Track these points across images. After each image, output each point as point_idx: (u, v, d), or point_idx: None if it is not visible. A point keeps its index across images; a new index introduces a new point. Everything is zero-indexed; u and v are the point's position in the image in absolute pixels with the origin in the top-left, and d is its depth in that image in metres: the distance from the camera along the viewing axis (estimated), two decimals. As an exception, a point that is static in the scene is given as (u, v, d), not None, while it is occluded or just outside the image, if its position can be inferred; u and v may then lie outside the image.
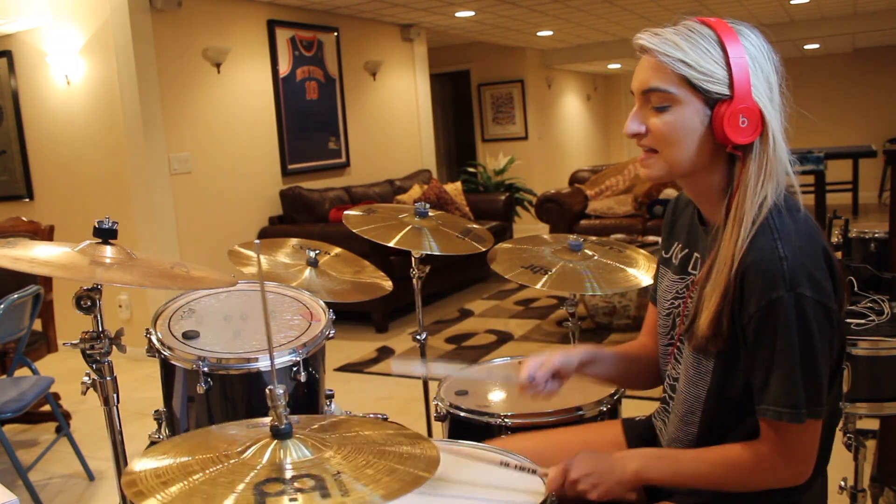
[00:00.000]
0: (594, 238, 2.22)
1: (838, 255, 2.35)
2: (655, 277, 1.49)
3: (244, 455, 0.96)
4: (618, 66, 11.37)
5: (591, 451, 1.30)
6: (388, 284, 2.19)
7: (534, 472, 1.28)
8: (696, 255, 1.31)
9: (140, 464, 0.96)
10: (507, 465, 1.30)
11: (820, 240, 1.16)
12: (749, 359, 1.18)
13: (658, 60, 1.18)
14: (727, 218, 1.19)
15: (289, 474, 0.91)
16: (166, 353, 1.65)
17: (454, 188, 6.64)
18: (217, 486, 0.88)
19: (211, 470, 0.93)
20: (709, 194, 1.25)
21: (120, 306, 4.92)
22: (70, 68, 4.80)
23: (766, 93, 1.17)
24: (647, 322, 1.55)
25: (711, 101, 1.16)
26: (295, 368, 1.66)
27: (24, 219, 3.80)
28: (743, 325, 1.17)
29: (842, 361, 1.25)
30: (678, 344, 1.33)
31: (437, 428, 1.91)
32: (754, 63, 1.16)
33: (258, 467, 0.93)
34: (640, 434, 1.51)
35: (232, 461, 0.95)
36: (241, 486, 0.88)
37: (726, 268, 1.17)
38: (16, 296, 2.77)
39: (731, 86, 1.15)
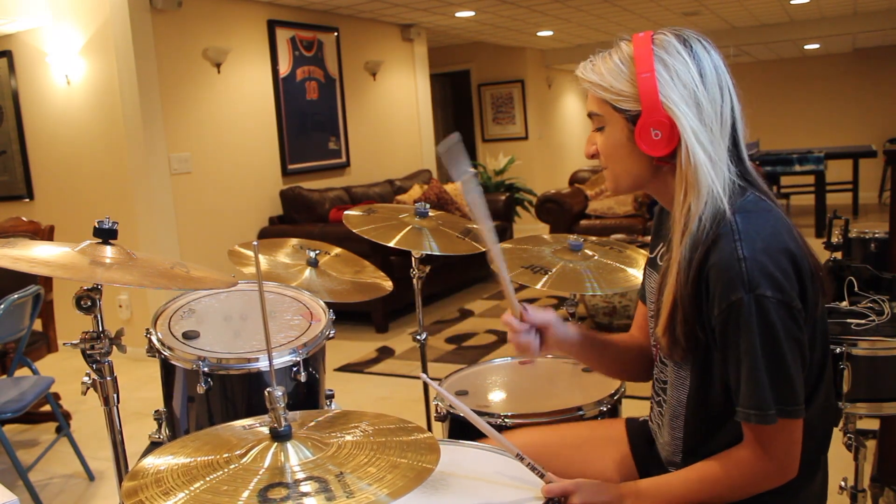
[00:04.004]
0: (594, 238, 2.22)
1: (838, 255, 2.34)
2: (644, 276, 1.51)
3: (244, 460, 0.95)
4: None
5: (594, 481, 1.27)
6: (388, 284, 2.19)
7: (542, 475, 1.27)
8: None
9: (141, 469, 0.96)
10: (521, 458, 1.30)
11: (785, 240, 1.15)
12: (723, 364, 1.19)
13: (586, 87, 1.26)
14: (673, 229, 1.22)
15: (292, 478, 0.90)
16: (166, 353, 1.65)
17: (454, 188, 6.63)
18: (220, 495, 0.88)
19: (212, 477, 0.92)
20: (671, 202, 1.27)
21: (120, 306, 4.92)
22: (70, 68, 4.80)
23: (686, 103, 1.17)
24: (636, 319, 1.57)
25: (630, 118, 1.21)
26: (295, 368, 1.66)
27: (24, 219, 3.80)
28: (713, 329, 1.17)
29: (826, 360, 1.25)
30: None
31: (438, 428, 1.90)
32: (669, 74, 1.17)
33: (260, 472, 0.92)
34: (643, 433, 1.51)
35: (232, 466, 0.94)
36: (245, 494, 0.87)
37: (672, 276, 1.20)
38: (16, 296, 2.77)
39: (640, 101, 1.18)
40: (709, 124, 1.18)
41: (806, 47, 10.10)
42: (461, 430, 1.75)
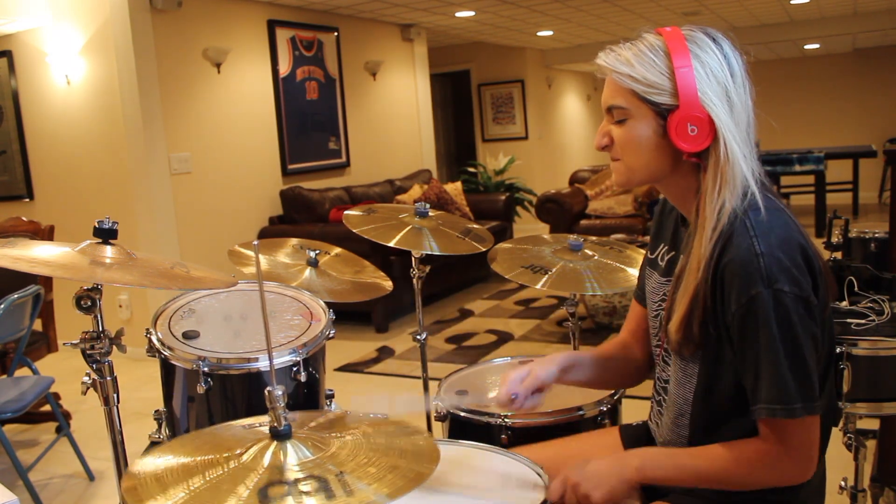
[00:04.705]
0: (594, 238, 2.23)
1: (838, 255, 2.35)
2: (640, 276, 1.51)
3: (244, 458, 0.95)
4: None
5: (587, 464, 1.28)
6: (388, 284, 2.19)
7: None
8: (681, 256, 1.32)
9: (141, 467, 0.96)
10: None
11: (798, 237, 1.16)
12: (737, 360, 1.18)
13: (612, 78, 1.23)
14: (696, 223, 1.21)
15: (291, 477, 0.90)
16: (166, 353, 1.65)
17: (454, 188, 6.63)
18: (220, 493, 0.88)
19: (212, 475, 0.92)
20: (684, 198, 1.27)
21: (120, 306, 4.92)
22: (70, 68, 4.80)
23: (720, 99, 1.18)
24: (628, 319, 1.55)
25: (662, 111, 1.19)
26: (295, 368, 1.66)
27: (24, 219, 3.80)
28: (727, 325, 1.17)
29: (832, 358, 1.25)
30: (665, 346, 1.34)
31: (438, 428, 1.91)
32: (705, 70, 1.18)
33: (260, 471, 0.92)
34: (638, 439, 1.51)
35: (232, 465, 0.94)
36: (245, 492, 0.87)
37: (693, 272, 1.19)
38: (16, 296, 2.77)
39: (676, 95, 1.17)
40: (737, 121, 1.19)
41: (806, 47, 10.10)
42: (461, 430, 1.75)
